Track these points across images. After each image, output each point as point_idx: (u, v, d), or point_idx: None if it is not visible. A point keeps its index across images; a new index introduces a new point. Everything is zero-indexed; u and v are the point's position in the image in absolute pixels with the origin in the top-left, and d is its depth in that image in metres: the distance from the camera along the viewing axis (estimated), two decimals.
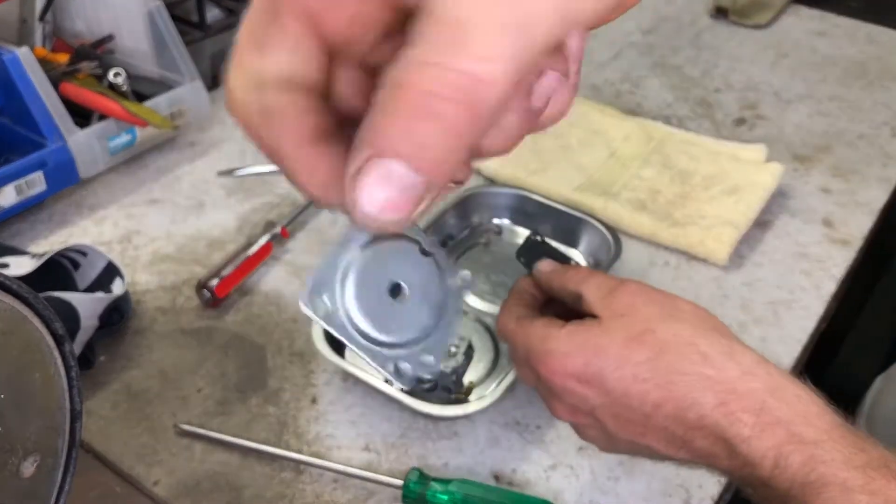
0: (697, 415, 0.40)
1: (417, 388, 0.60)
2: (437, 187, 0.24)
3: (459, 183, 0.29)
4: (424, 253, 0.32)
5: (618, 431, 0.43)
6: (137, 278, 0.72)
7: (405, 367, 0.31)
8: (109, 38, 0.87)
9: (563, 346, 0.43)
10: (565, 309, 0.47)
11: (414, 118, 0.22)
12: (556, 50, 0.28)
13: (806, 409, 0.39)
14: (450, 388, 0.60)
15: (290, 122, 0.26)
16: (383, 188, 0.23)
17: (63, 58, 0.83)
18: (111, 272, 0.67)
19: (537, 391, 0.47)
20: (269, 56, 0.25)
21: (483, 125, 0.23)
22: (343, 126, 0.27)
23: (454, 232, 0.76)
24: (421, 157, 0.23)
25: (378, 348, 0.30)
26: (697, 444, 0.40)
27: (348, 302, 0.30)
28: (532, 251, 0.61)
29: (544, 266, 0.50)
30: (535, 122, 0.29)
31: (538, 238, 0.61)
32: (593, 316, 0.44)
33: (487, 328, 0.67)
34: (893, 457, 0.37)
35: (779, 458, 0.37)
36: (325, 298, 0.29)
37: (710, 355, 0.40)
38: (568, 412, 0.45)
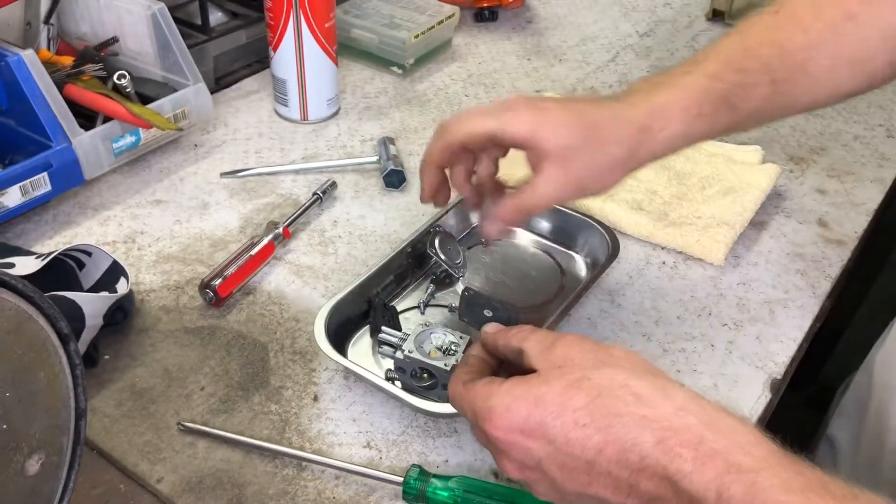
0: (639, 455, 0.40)
1: (417, 387, 0.61)
2: (509, 227, 0.62)
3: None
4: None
5: (565, 483, 0.43)
6: (141, 278, 0.73)
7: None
8: (113, 40, 0.88)
9: (504, 400, 0.44)
10: (519, 370, 0.48)
11: (505, 210, 0.58)
12: None
13: (743, 438, 0.39)
14: None
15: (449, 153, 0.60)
16: (495, 223, 0.59)
17: (67, 60, 0.84)
18: (115, 272, 0.68)
19: (490, 453, 0.48)
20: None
21: (527, 215, 0.59)
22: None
23: (454, 232, 0.77)
24: (507, 219, 0.59)
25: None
26: (643, 488, 0.40)
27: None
28: (472, 305, 0.66)
29: (489, 328, 0.52)
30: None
31: (471, 291, 0.66)
32: (534, 371, 0.46)
33: None
34: (831, 478, 0.38)
35: (721, 489, 0.38)
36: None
37: (644, 395, 0.41)
38: (516, 469, 0.45)
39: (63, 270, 0.66)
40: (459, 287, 0.72)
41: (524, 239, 0.78)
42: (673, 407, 0.41)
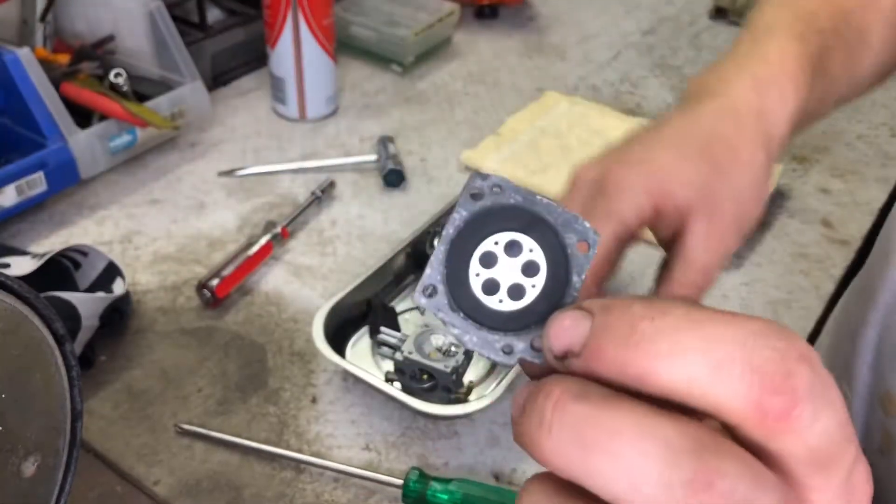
0: None
1: (417, 389, 0.60)
2: None
3: None
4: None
5: None
6: (138, 278, 0.72)
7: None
8: (110, 38, 0.88)
9: None
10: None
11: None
12: None
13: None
14: (450, 388, 0.60)
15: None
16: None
17: (64, 58, 0.83)
18: (112, 272, 0.67)
19: None
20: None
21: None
22: None
23: None
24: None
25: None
26: None
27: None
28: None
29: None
30: None
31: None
32: None
33: None
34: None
35: None
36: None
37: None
38: None
39: (59, 271, 0.65)
40: None
41: None
42: None
